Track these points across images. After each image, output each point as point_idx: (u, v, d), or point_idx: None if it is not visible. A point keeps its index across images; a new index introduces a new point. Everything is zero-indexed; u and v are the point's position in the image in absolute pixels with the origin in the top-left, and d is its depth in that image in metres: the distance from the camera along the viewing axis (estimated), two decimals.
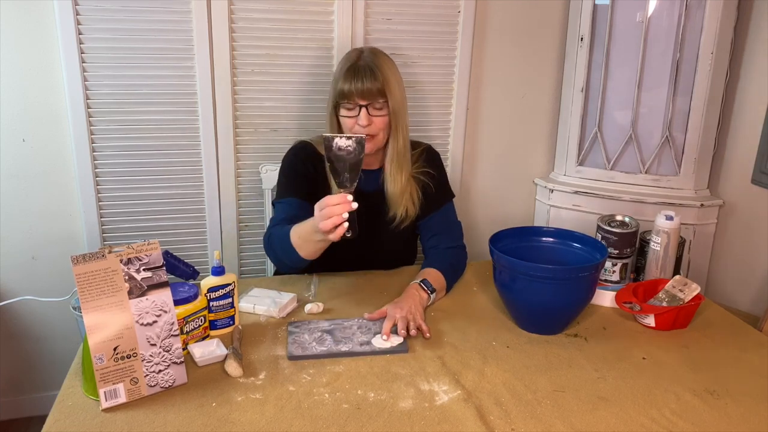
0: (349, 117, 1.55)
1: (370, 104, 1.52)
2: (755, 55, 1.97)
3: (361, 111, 1.52)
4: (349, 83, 1.51)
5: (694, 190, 2.06)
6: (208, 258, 2.02)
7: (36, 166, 1.86)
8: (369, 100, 1.52)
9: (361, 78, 1.51)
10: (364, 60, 1.54)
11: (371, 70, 1.52)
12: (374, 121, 1.53)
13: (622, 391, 1.18)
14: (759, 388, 1.20)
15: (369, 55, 1.56)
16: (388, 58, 1.59)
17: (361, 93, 1.51)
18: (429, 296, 1.48)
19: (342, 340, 1.31)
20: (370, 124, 1.53)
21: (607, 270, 1.61)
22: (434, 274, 1.55)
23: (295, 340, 1.31)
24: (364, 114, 1.52)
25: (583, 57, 2.05)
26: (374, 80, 1.51)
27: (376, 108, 1.53)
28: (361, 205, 1.61)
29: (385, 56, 1.59)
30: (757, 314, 1.85)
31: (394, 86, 1.54)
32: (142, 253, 1.11)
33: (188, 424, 1.05)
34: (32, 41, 1.76)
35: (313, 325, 1.38)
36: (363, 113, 1.52)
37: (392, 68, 1.58)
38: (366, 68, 1.52)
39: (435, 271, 1.56)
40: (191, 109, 1.89)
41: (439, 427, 1.06)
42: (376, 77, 1.51)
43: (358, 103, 1.52)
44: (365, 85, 1.50)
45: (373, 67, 1.52)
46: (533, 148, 2.25)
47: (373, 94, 1.51)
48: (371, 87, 1.51)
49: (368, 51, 1.58)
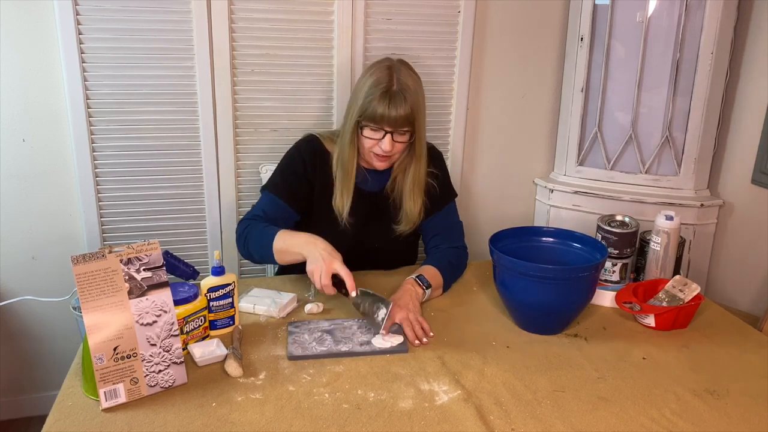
0: (372, 139, 1.53)
1: (395, 131, 1.51)
2: (755, 55, 1.97)
3: (386, 137, 1.51)
4: (383, 108, 1.47)
5: (694, 190, 2.06)
6: (208, 258, 2.02)
7: (36, 166, 1.86)
8: (396, 127, 1.50)
9: (396, 106, 1.47)
10: (398, 84, 1.49)
11: (404, 97, 1.48)
12: (396, 146, 1.53)
13: (622, 391, 1.18)
14: (759, 388, 1.20)
15: (402, 78, 1.50)
16: (415, 77, 1.55)
17: (393, 122, 1.49)
18: (424, 292, 1.48)
19: (342, 340, 1.31)
20: (393, 149, 1.53)
21: (607, 270, 1.61)
22: (431, 271, 1.55)
23: (295, 340, 1.31)
24: (388, 140, 1.51)
25: (583, 57, 2.05)
26: (406, 109, 1.48)
27: (400, 134, 1.52)
28: (366, 206, 1.62)
29: (414, 74, 1.56)
30: (757, 314, 1.85)
31: (421, 113, 1.53)
32: (142, 253, 1.11)
33: (188, 424, 1.05)
34: (32, 41, 1.76)
35: (313, 325, 1.38)
36: (387, 139, 1.51)
37: (419, 89, 1.54)
38: (400, 95, 1.48)
39: (432, 268, 1.56)
40: (191, 109, 1.89)
41: (439, 427, 1.06)
42: (407, 106, 1.48)
43: (384, 128, 1.51)
44: (399, 113, 1.48)
45: (406, 94, 1.49)
46: (533, 148, 2.25)
47: (402, 123, 1.50)
48: (403, 115, 1.48)
49: (399, 70, 1.52)
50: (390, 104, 1.48)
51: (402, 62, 1.57)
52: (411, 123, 1.51)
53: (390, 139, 1.51)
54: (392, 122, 1.49)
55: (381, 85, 1.49)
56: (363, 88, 1.52)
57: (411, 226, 1.65)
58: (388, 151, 1.52)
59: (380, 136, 1.52)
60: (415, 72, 1.57)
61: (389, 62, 1.55)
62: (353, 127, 1.54)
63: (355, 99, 1.55)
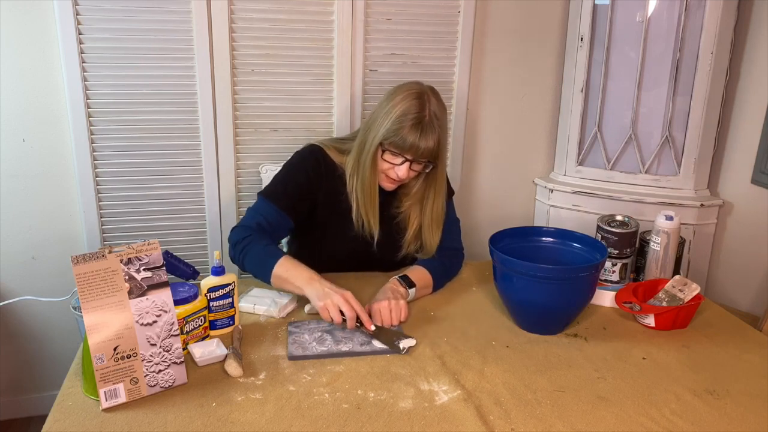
0: (390, 163, 1.50)
1: (415, 160, 1.49)
2: (755, 55, 1.97)
3: (404, 164, 1.48)
4: (413, 138, 1.44)
5: (693, 190, 2.06)
6: (208, 258, 2.02)
7: (36, 166, 1.86)
8: (420, 158, 1.48)
9: (426, 137, 1.44)
10: (431, 114, 1.46)
11: (434, 130, 1.45)
12: (410, 174, 1.52)
13: (622, 391, 1.18)
14: (759, 388, 1.20)
15: (435, 108, 1.47)
16: (444, 107, 1.52)
17: (420, 152, 1.46)
18: (407, 290, 1.47)
19: (342, 340, 1.31)
20: (408, 176, 1.51)
21: (607, 270, 1.61)
22: (419, 271, 1.54)
23: (295, 340, 1.31)
24: (405, 168, 1.48)
25: (583, 57, 2.05)
26: (434, 140, 1.46)
27: (419, 163, 1.50)
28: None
29: (443, 105, 1.52)
30: (757, 314, 1.85)
31: (445, 145, 1.51)
32: (142, 253, 1.11)
33: (188, 424, 1.05)
34: (32, 41, 1.76)
35: (314, 325, 1.38)
36: (405, 167, 1.48)
37: (446, 120, 1.51)
38: (432, 127, 1.45)
39: (420, 268, 1.55)
40: (191, 109, 1.89)
41: (439, 427, 1.06)
42: (436, 136, 1.46)
43: (405, 156, 1.48)
44: (428, 144, 1.45)
45: (436, 127, 1.46)
46: (533, 148, 2.26)
47: (426, 155, 1.48)
48: (431, 147, 1.46)
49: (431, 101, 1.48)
50: (422, 135, 1.44)
51: (432, 90, 1.53)
52: (435, 156, 1.49)
53: (408, 166, 1.48)
54: (418, 152, 1.46)
55: (413, 114, 1.45)
56: (392, 112, 1.47)
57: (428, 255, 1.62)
58: (402, 178, 1.50)
59: (399, 162, 1.49)
60: (442, 101, 1.54)
61: (420, 88, 1.49)
62: (375, 150, 1.50)
63: (381, 121, 1.48)
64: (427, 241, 1.61)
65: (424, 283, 1.53)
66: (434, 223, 1.60)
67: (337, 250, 1.59)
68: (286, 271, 1.41)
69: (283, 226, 1.56)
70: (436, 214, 1.59)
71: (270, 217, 1.53)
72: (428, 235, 1.60)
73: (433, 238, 1.60)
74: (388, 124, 1.46)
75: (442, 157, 1.53)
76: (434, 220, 1.59)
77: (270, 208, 1.54)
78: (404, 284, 1.48)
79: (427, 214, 1.59)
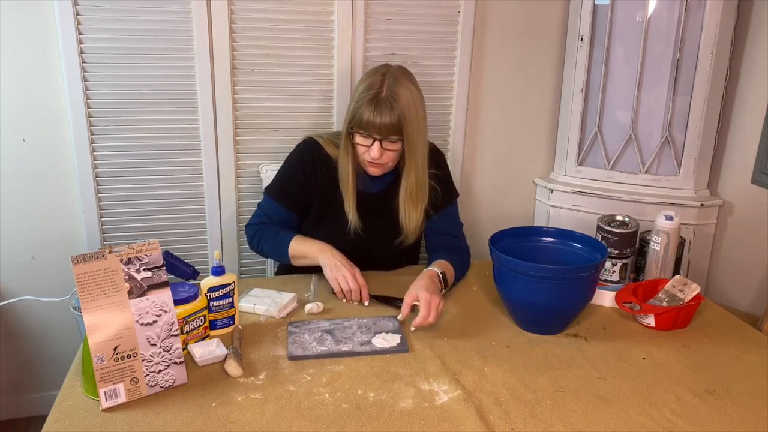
0: (362, 145, 1.53)
1: (384, 138, 1.50)
2: (755, 55, 1.97)
3: (375, 144, 1.50)
4: (369, 115, 1.46)
5: (693, 190, 2.06)
6: (208, 258, 2.02)
7: (36, 166, 1.86)
8: (384, 135, 1.49)
9: (380, 113, 1.46)
10: (387, 91, 1.47)
11: (391, 105, 1.46)
12: (386, 154, 1.52)
13: (622, 391, 1.18)
14: (759, 388, 1.20)
15: (392, 84, 1.48)
16: (411, 85, 1.52)
17: (378, 129, 1.48)
18: (442, 288, 1.50)
19: (342, 340, 1.31)
20: (381, 156, 1.52)
21: (607, 270, 1.61)
22: (450, 270, 1.56)
23: (295, 340, 1.31)
24: (377, 147, 1.50)
25: (583, 57, 2.05)
26: (392, 116, 1.46)
27: (390, 141, 1.51)
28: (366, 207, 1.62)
29: (409, 83, 1.52)
30: (757, 314, 1.85)
31: (410, 123, 1.49)
32: (142, 253, 1.11)
33: (188, 424, 1.05)
34: (32, 41, 1.76)
35: (314, 325, 1.38)
36: (376, 146, 1.50)
37: (412, 98, 1.50)
38: (386, 102, 1.46)
39: (449, 267, 1.57)
40: (191, 109, 1.89)
41: (439, 427, 1.06)
42: (394, 113, 1.46)
43: (372, 135, 1.50)
44: (383, 120, 1.46)
45: (393, 102, 1.46)
46: (533, 148, 2.25)
47: (389, 131, 1.48)
48: (388, 123, 1.47)
49: (392, 77, 1.50)
50: (376, 111, 1.46)
51: (401, 69, 1.55)
52: (399, 132, 1.49)
53: (378, 146, 1.50)
54: (378, 129, 1.48)
55: (371, 92, 1.48)
56: (356, 94, 1.52)
57: (409, 239, 1.64)
58: (375, 158, 1.51)
59: (369, 143, 1.51)
60: (413, 81, 1.54)
61: (386, 68, 1.53)
62: (346, 133, 1.55)
63: (349, 104, 1.55)
64: (403, 221, 1.61)
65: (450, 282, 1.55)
66: (409, 200, 1.59)
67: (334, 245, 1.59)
68: (299, 249, 1.55)
69: (286, 220, 1.65)
70: (411, 191, 1.58)
71: (274, 215, 1.64)
72: (404, 214, 1.60)
73: (410, 219, 1.60)
74: (352, 104, 1.52)
75: (411, 135, 1.50)
76: (409, 198, 1.59)
77: (273, 207, 1.64)
78: (441, 282, 1.50)
79: (403, 191, 1.59)
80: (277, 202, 1.64)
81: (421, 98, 1.55)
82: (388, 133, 1.48)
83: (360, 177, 1.62)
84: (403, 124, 1.48)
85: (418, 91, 1.55)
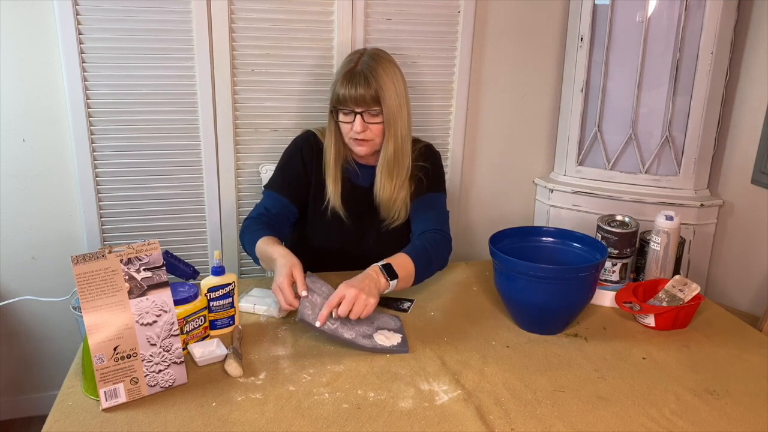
0: (346, 122, 1.55)
1: (365, 111, 1.51)
2: (755, 55, 1.97)
3: (356, 118, 1.52)
4: (344, 89, 1.50)
5: (694, 190, 2.06)
6: (208, 258, 2.02)
7: (36, 166, 1.86)
8: (363, 107, 1.51)
9: (356, 85, 1.49)
10: (362, 65, 1.51)
11: (366, 77, 1.49)
12: (370, 128, 1.53)
13: (622, 391, 1.18)
14: (759, 388, 1.20)
15: (368, 60, 1.52)
16: (387, 62, 1.55)
17: (355, 100, 1.50)
18: (388, 283, 1.36)
19: (346, 324, 1.30)
20: (365, 130, 1.53)
21: (607, 270, 1.61)
22: (402, 259, 1.43)
23: (309, 301, 1.29)
24: (359, 121, 1.52)
25: (583, 57, 2.05)
26: (368, 87, 1.49)
27: (371, 115, 1.52)
28: (356, 201, 1.62)
29: (385, 60, 1.55)
30: (757, 314, 1.85)
31: (389, 93, 1.51)
32: (142, 253, 1.11)
33: (188, 424, 1.05)
34: (32, 41, 1.76)
35: (327, 289, 1.36)
36: (358, 120, 1.52)
37: (390, 73, 1.53)
38: (361, 74, 1.50)
39: (404, 256, 1.44)
40: (191, 109, 1.89)
41: (439, 427, 1.06)
42: (370, 84, 1.49)
43: (353, 110, 1.52)
44: (359, 92, 1.49)
45: (368, 74, 1.49)
46: (533, 148, 2.25)
47: (367, 102, 1.50)
48: (365, 94, 1.49)
49: (368, 55, 1.54)
50: (350, 83, 1.49)
51: (376, 50, 1.59)
52: (377, 102, 1.50)
53: (361, 120, 1.51)
54: (355, 101, 1.50)
55: (346, 68, 1.53)
56: (335, 76, 1.57)
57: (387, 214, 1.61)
58: (359, 132, 1.52)
59: (352, 119, 1.53)
60: (389, 59, 1.57)
61: (362, 50, 1.59)
62: (330, 115, 1.58)
63: (330, 89, 1.58)
64: (377, 191, 1.61)
65: (406, 273, 1.42)
66: (386, 170, 1.58)
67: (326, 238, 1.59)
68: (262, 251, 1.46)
69: (286, 213, 1.62)
70: (389, 161, 1.58)
71: (270, 205, 1.61)
72: (378, 183, 1.60)
73: (383, 189, 1.59)
74: (331, 87, 1.55)
75: (390, 104, 1.51)
76: (386, 167, 1.58)
77: (271, 197, 1.63)
78: (386, 275, 1.37)
79: (380, 161, 1.59)
80: (277, 192, 1.63)
81: (399, 73, 1.57)
82: (366, 104, 1.50)
83: (350, 169, 1.63)
84: (380, 93, 1.50)
85: (396, 68, 1.57)
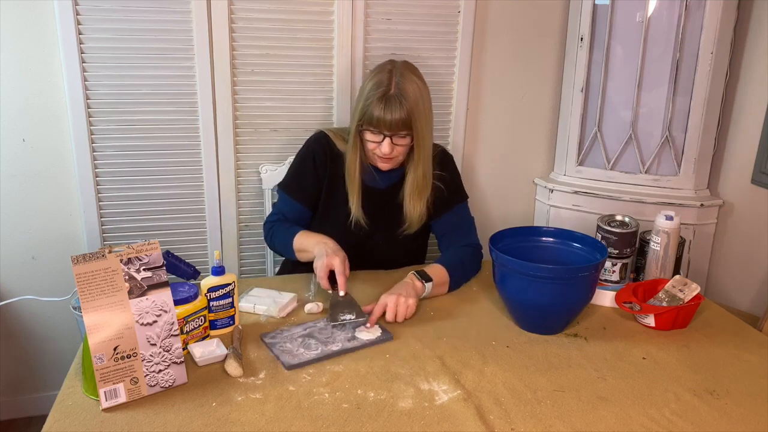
0: (373, 142, 1.55)
1: (394, 134, 1.52)
2: (755, 55, 1.97)
3: (385, 140, 1.53)
4: (379, 112, 1.49)
5: (694, 190, 2.06)
6: (208, 258, 2.02)
7: (36, 166, 1.86)
8: (394, 131, 1.52)
9: (390, 110, 1.49)
10: (397, 88, 1.50)
11: (400, 101, 1.49)
12: (396, 149, 1.55)
13: (622, 391, 1.18)
14: (759, 388, 1.20)
15: (399, 80, 1.51)
16: (416, 80, 1.55)
17: (389, 125, 1.51)
18: (423, 285, 1.48)
19: (327, 341, 1.31)
20: (392, 151, 1.54)
21: (607, 270, 1.61)
22: (436, 268, 1.55)
23: (282, 350, 1.27)
24: (387, 143, 1.53)
25: (583, 57, 2.05)
26: (401, 112, 1.49)
27: (400, 137, 1.54)
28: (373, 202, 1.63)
29: (415, 78, 1.55)
30: (757, 314, 1.85)
31: (420, 118, 1.52)
32: (142, 253, 1.11)
33: (188, 424, 1.05)
34: (32, 41, 1.76)
35: (287, 332, 1.34)
36: (386, 143, 1.53)
37: (420, 92, 1.54)
38: (396, 99, 1.49)
39: (438, 266, 1.56)
40: (191, 109, 1.89)
41: (438, 426, 1.06)
42: (403, 109, 1.49)
43: (383, 132, 1.52)
44: (393, 117, 1.49)
45: (402, 99, 1.49)
46: (533, 148, 2.25)
47: (399, 127, 1.51)
48: (398, 119, 1.50)
49: (399, 74, 1.53)
50: (386, 108, 1.49)
51: (406, 65, 1.58)
52: (409, 127, 1.52)
53: (389, 142, 1.53)
54: (389, 126, 1.51)
55: (380, 89, 1.51)
56: (364, 92, 1.55)
57: (413, 228, 1.66)
58: (387, 153, 1.54)
59: (380, 140, 1.53)
60: (419, 76, 1.57)
61: (391, 65, 1.56)
62: (355, 131, 1.57)
63: (357, 102, 1.58)
64: (408, 212, 1.64)
65: (441, 279, 1.54)
66: (415, 192, 1.62)
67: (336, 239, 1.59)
68: (301, 243, 1.57)
69: (299, 215, 1.67)
70: (418, 183, 1.61)
71: (287, 210, 1.67)
72: (409, 205, 1.63)
73: (414, 209, 1.63)
74: (361, 103, 1.54)
75: (420, 128, 1.54)
76: (415, 190, 1.62)
77: (287, 202, 1.68)
78: (421, 279, 1.49)
79: (409, 183, 1.62)
80: (291, 197, 1.67)
81: (427, 91, 1.58)
82: (398, 129, 1.52)
83: (367, 173, 1.64)
84: (412, 119, 1.51)
85: (424, 85, 1.58)
